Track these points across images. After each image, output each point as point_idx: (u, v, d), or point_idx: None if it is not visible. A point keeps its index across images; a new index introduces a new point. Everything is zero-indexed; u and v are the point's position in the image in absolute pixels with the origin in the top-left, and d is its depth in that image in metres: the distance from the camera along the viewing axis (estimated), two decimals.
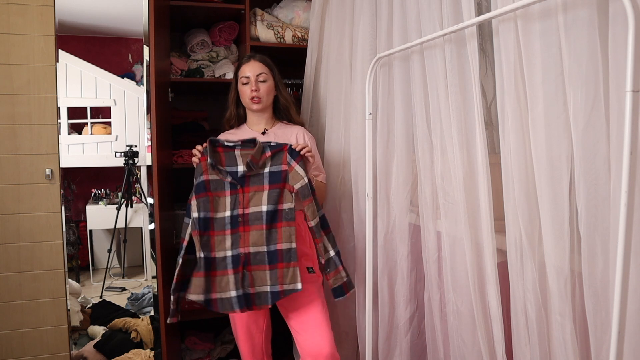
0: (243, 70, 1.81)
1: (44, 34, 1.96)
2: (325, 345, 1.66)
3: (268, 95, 1.83)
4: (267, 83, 1.81)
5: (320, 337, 1.68)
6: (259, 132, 1.86)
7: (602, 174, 0.93)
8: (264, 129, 1.87)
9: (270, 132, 1.86)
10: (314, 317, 1.70)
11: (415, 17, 1.47)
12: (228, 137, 1.87)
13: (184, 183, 2.58)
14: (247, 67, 1.81)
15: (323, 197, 1.93)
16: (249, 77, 1.80)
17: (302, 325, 1.71)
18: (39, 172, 1.99)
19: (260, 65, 1.82)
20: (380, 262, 1.74)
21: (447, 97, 1.34)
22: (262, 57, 1.85)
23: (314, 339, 1.68)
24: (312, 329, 1.70)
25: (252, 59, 1.83)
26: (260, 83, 1.80)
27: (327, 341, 1.67)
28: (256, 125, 1.88)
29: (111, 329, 2.50)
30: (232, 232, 1.61)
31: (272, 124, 1.89)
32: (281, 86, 1.88)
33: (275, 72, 1.86)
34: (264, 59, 1.85)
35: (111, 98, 2.76)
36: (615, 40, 0.86)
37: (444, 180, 1.41)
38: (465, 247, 1.31)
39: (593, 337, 0.96)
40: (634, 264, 0.83)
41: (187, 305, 2.39)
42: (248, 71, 1.80)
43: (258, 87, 1.79)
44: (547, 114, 1.03)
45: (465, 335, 1.36)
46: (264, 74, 1.80)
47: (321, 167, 1.91)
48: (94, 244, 2.90)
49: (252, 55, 1.85)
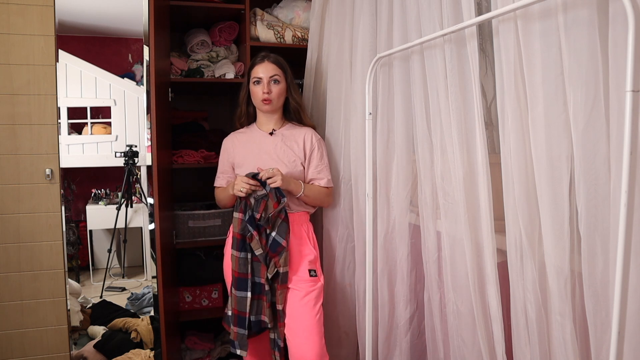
0: (256, 71, 1.80)
1: (44, 34, 1.96)
2: (311, 354, 1.68)
3: (279, 97, 1.82)
4: (279, 85, 1.80)
5: (307, 344, 1.69)
6: (267, 132, 1.87)
7: (602, 174, 0.93)
8: (272, 129, 1.87)
9: (279, 132, 1.86)
10: (304, 324, 1.71)
11: (415, 17, 1.47)
12: (238, 137, 1.90)
13: (184, 183, 2.58)
14: (260, 68, 1.80)
15: (323, 202, 1.91)
16: (261, 78, 1.78)
17: (291, 332, 1.73)
18: (39, 172, 1.99)
19: (274, 67, 1.80)
20: (380, 262, 1.74)
21: (447, 97, 1.34)
22: (276, 58, 1.83)
23: (302, 346, 1.70)
24: (301, 335, 1.71)
25: (266, 60, 1.81)
26: (273, 85, 1.79)
27: (315, 349, 1.68)
28: (265, 125, 1.89)
29: (111, 329, 2.50)
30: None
31: (281, 125, 1.89)
32: (293, 88, 1.86)
33: (288, 73, 1.84)
34: (277, 60, 1.82)
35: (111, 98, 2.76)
36: (615, 40, 0.86)
37: (444, 180, 1.41)
38: (465, 247, 1.31)
39: (593, 337, 0.96)
40: (634, 264, 0.83)
41: (187, 306, 2.39)
42: (261, 72, 1.79)
43: (270, 89, 1.78)
44: (547, 114, 1.03)
45: (465, 335, 1.36)
46: (277, 76, 1.79)
47: (325, 171, 1.88)
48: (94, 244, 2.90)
49: (266, 55, 1.82)
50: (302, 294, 1.73)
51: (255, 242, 1.68)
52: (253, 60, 1.85)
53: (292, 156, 1.82)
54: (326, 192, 1.88)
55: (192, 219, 2.29)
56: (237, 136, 1.91)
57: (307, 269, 1.77)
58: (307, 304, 1.73)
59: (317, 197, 1.84)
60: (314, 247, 1.83)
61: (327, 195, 1.89)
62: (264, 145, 1.84)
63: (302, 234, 1.82)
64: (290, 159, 1.82)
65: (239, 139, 1.90)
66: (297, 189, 1.77)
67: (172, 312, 2.05)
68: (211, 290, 2.40)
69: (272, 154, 1.82)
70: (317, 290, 1.76)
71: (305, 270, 1.76)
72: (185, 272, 2.37)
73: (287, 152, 1.82)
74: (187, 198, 2.55)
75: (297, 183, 1.78)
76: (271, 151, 1.83)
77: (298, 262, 1.77)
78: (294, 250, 1.77)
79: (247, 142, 1.87)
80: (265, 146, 1.84)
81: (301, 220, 1.84)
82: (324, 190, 1.86)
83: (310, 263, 1.79)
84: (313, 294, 1.74)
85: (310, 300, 1.73)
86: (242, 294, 1.70)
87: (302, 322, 1.71)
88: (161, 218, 1.84)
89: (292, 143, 1.84)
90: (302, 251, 1.79)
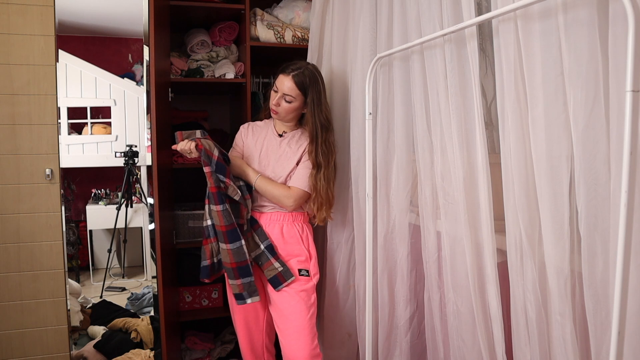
0: (279, 79, 1.77)
1: (44, 34, 1.96)
2: (302, 354, 1.68)
3: (288, 114, 1.81)
4: (291, 105, 1.77)
5: (298, 345, 1.70)
6: (279, 132, 1.88)
7: (602, 174, 0.93)
8: (283, 131, 1.89)
9: (288, 135, 1.87)
10: (296, 324, 1.72)
11: (415, 17, 1.47)
12: (254, 127, 1.93)
13: (184, 183, 2.58)
14: (281, 79, 1.76)
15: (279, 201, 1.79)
16: (278, 89, 1.77)
17: (283, 332, 1.74)
18: (39, 172, 1.99)
19: (292, 87, 1.73)
20: (380, 262, 1.74)
21: (447, 97, 1.34)
22: (300, 77, 1.74)
23: (293, 346, 1.71)
24: (293, 335, 1.72)
25: (291, 75, 1.74)
26: (284, 102, 1.77)
27: (306, 350, 1.69)
28: (278, 126, 1.91)
29: (111, 329, 2.50)
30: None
31: (293, 129, 1.89)
32: (317, 108, 1.76)
33: (310, 95, 1.75)
34: (301, 80, 1.73)
35: (111, 98, 2.76)
36: (615, 40, 0.86)
37: (444, 180, 1.41)
38: (465, 247, 1.31)
39: (593, 337, 0.96)
40: (634, 264, 0.83)
41: (186, 306, 2.39)
42: (279, 83, 1.76)
43: (279, 103, 1.77)
44: (547, 114, 1.03)
45: (465, 335, 1.36)
46: (290, 97, 1.75)
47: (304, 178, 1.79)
48: (94, 244, 2.90)
49: (294, 69, 1.74)
50: (292, 293, 1.74)
51: (232, 189, 1.68)
52: (286, 65, 1.78)
53: (291, 162, 1.82)
54: (286, 192, 1.77)
55: (192, 219, 2.29)
56: (253, 126, 1.94)
57: (297, 269, 1.77)
58: (298, 304, 1.73)
59: (271, 193, 1.77)
60: (307, 248, 1.83)
61: (285, 197, 1.77)
62: (270, 144, 1.86)
63: (295, 234, 1.82)
64: (289, 164, 1.82)
65: (253, 130, 1.92)
66: (251, 175, 1.79)
67: (172, 312, 2.05)
68: (211, 290, 2.41)
69: (275, 153, 1.84)
70: (309, 290, 1.77)
71: (295, 270, 1.77)
72: (185, 272, 2.37)
73: (289, 155, 1.83)
74: (187, 198, 2.55)
75: (252, 171, 1.80)
76: (275, 151, 1.84)
77: (287, 260, 1.78)
78: (283, 250, 1.78)
79: (258, 136, 1.89)
80: (271, 145, 1.85)
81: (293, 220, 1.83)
82: (282, 190, 1.77)
83: (300, 262, 1.79)
84: (303, 293, 1.75)
85: (300, 300, 1.74)
86: (237, 244, 1.67)
87: (292, 322, 1.72)
88: (161, 218, 1.84)
89: (295, 147, 1.85)
90: (292, 251, 1.80)
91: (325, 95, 1.81)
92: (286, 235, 1.80)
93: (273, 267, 1.73)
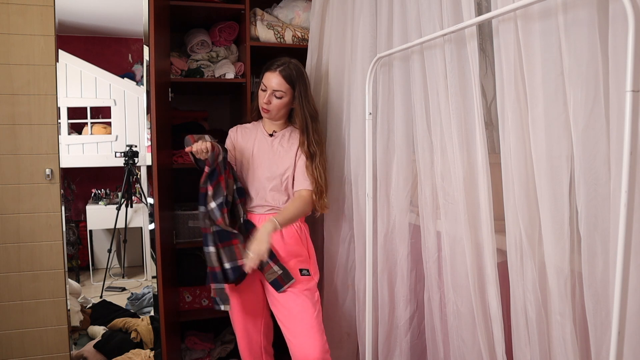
0: (266, 77, 1.77)
1: (44, 34, 1.96)
2: (314, 351, 1.67)
3: (279, 110, 1.80)
4: (281, 100, 1.77)
5: (309, 343, 1.69)
6: (269, 132, 1.88)
7: (602, 174, 0.93)
8: (273, 131, 1.88)
9: (279, 134, 1.87)
10: (304, 322, 1.71)
11: (415, 17, 1.47)
12: (242, 130, 1.91)
13: (184, 183, 2.58)
14: (268, 76, 1.76)
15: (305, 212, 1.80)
16: (266, 87, 1.77)
17: (292, 331, 1.73)
18: (39, 172, 1.99)
19: (281, 82, 1.74)
20: (380, 262, 1.74)
21: (447, 97, 1.34)
22: (287, 70, 1.75)
23: (304, 344, 1.70)
24: (302, 334, 1.71)
25: (278, 70, 1.75)
26: (275, 98, 1.77)
27: (317, 347, 1.68)
28: (268, 126, 1.90)
29: (111, 329, 2.50)
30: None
31: (282, 127, 1.89)
32: (305, 101, 1.79)
33: (297, 88, 1.77)
34: (288, 74, 1.75)
35: (111, 98, 2.77)
36: (615, 40, 0.86)
37: (444, 180, 1.41)
38: (465, 247, 1.31)
39: (593, 337, 0.96)
40: (634, 264, 0.83)
41: (187, 305, 2.39)
42: (267, 81, 1.76)
43: (270, 100, 1.77)
44: (547, 113, 1.03)
45: (465, 335, 1.36)
46: (280, 92, 1.75)
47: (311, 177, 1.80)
48: (94, 244, 2.91)
49: (279, 65, 1.76)
50: (297, 292, 1.74)
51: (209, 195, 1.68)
52: (269, 63, 1.80)
53: (285, 160, 1.82)
54: (303, 204, 1.77)
55: (192, 219, 2.29)
56: (241, 129, 1.93)
57: (298, 269, 1.77)
58: (304, 303, 1.73)
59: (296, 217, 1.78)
60: (306, 247, 1.83)
61: (306, 206, 1.78)
62: (262, 145, 1.85)
63: (294, 233, 1.82)
64: (284, 163, 1.82)
65: (242, 132, 1.92)
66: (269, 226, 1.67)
67: (172, 312, 2.05)
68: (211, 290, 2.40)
69: (267, 153, 1.84)
70: (312, 289, 1.77)
71: (296, 270, 1.77)
72: (185, 272, 2.37)
73: (282, 153, 1.83)
74: (187, 198, 2.55)
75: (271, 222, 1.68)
76: (267, 151, 1.84)
77: (288, 261, 1.77)
78: (283, 250, 1.78)
79: (248, 137, 1.89)
80: (263, 146, 1.85)
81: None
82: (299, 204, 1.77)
83: (301, 262, 1.79)
84: (307, 292, 1.75)
85: (306, 299, 1.74)
86: (207, 249, 1.69)
87: (301, 321, 1.71)
88: (161, 218, 1.84)
89: (288, 146, 1.85)
90: (292, 250, 1.80)
91: (310, 87, 1.86)
92: (285, 235, 1.80)
93: (273, 271, 1.72)
